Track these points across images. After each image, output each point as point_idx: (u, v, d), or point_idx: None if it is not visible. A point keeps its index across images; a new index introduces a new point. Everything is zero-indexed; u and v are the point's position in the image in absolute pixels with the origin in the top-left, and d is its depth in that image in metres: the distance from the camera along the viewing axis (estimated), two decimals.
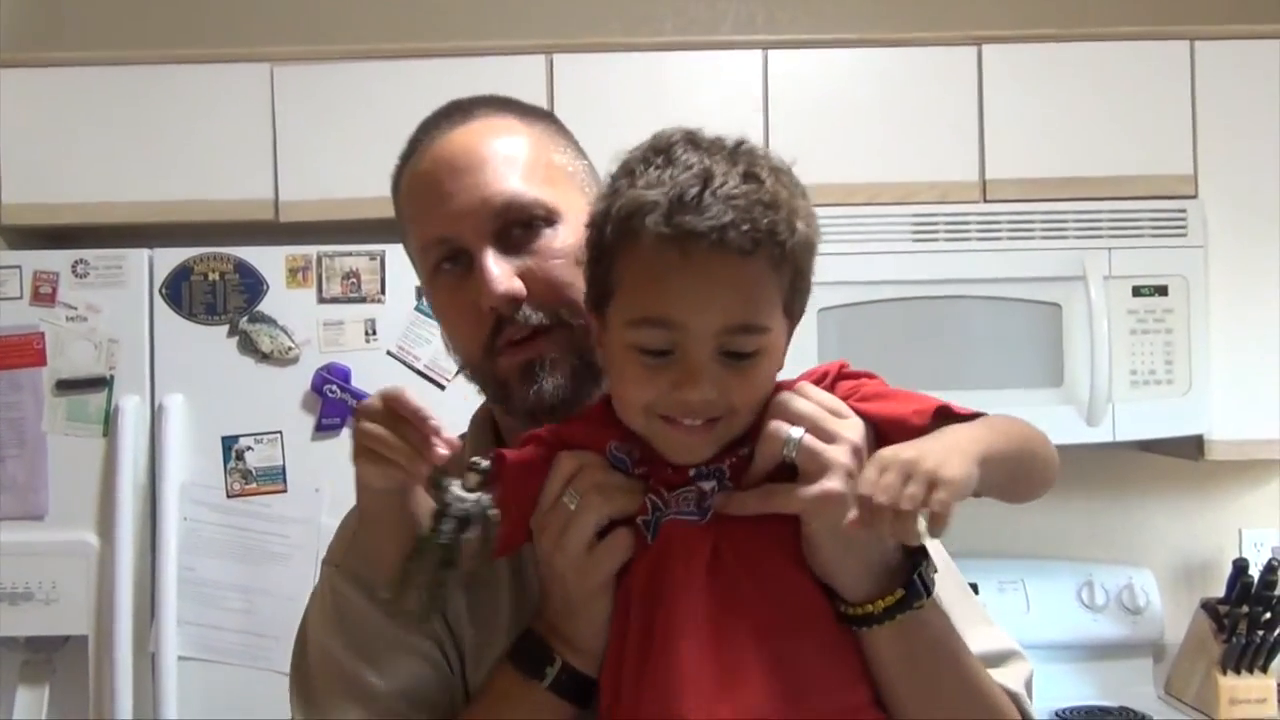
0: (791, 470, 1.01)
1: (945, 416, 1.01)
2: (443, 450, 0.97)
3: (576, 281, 1.11)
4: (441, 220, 1.13)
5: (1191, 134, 2.75)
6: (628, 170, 1.03)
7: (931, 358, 2.65)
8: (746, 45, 2.79)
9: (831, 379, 1.08)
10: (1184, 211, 2.70)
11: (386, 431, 0.98)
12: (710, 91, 2.74)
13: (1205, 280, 2.70)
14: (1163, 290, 2.69)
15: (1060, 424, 2.64)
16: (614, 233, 1.01)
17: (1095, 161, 2.75)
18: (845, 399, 1.05)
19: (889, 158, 2.73)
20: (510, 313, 1.11)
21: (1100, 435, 2.66)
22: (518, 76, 2.70)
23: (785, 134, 2.67)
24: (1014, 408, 2.79)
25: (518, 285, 1.11)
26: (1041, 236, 2.69)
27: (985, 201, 2.73)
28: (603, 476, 1.05)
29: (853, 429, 1.01)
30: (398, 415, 0.98)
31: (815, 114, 2.73)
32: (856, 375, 1.10)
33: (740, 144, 1.03)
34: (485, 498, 0.98)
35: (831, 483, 0.98)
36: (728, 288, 0.98)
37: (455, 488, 0.97)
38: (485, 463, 0.99)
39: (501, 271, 1.10)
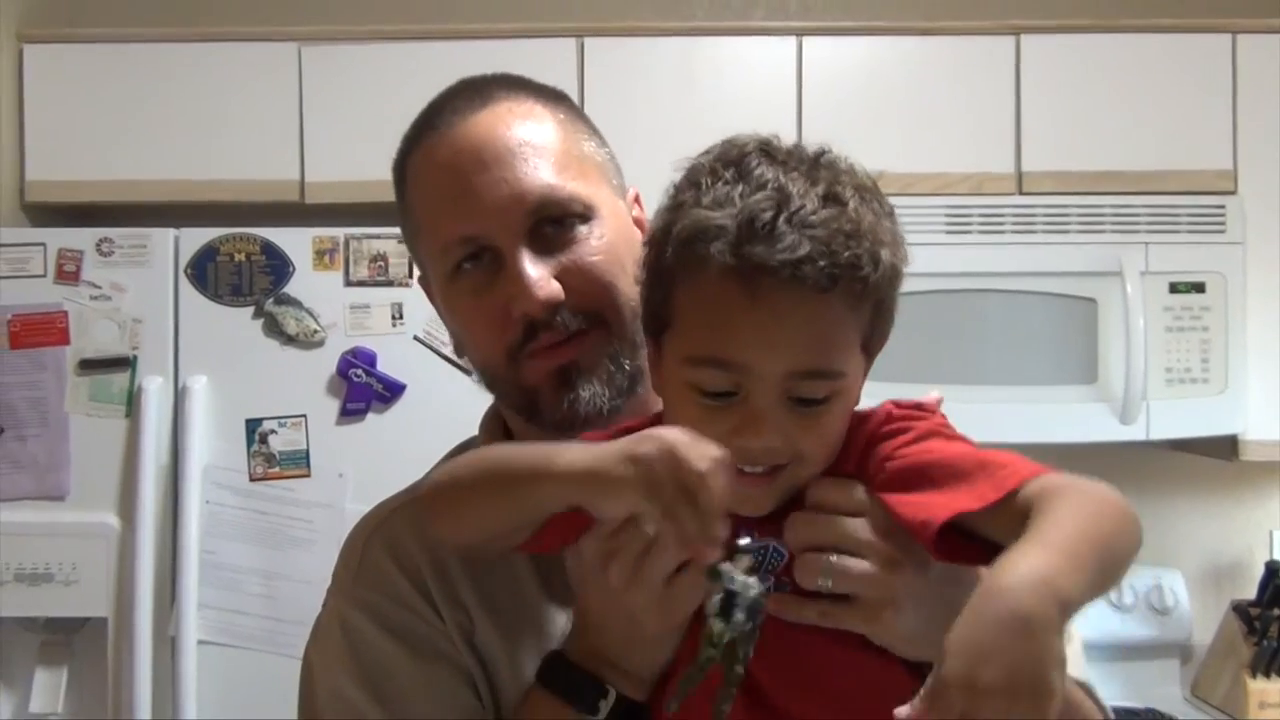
0: None
1: (954, 529, 0.86)
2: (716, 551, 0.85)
3: (617, 281, 1.05)
4: (467, 217, 1.04)
5: (1232, 129, 2.71)
6: (693, 182, 0.92)
7: (964, 352, 2.62)
8: (780, 32, 2.76)
9: (863, 445, 0.95)
10: (1223, 208, 2.67)
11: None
12: (742, 78, 2.71)
13: (1243, 278, 2.66)
14: (1200, 287, 2.65)
15: (1093, 422, 2.61)
16: (675, 257, 0.91)
17: (1133, 156, 2.71)
18: (876, 474, 0.93)
19: (924, 148, 2.69)
20: (547, 318, 1.03)
21: (1134, 434, 2.63)
22: (548, 59, 2.66)
23: (818, 122, 2.64)
24: (1047, 404, 2.78)
25: (556, 288, 1.03)
26: (1078, 231, 2.66)
27: (1021, 194, 2.70)
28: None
29: (872, 531, 0.91)
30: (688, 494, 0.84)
31: (849, 102, 2.69)
32: (899, 429, 0.95)
33: (821, 155, 0.92)
34: (760, 583, 0.86)
35: (885, 612, 0.90)
36: (799, 329, 0.87)
37: (738, 575, 0.85)
38: (755, 544, 0.89)
39: (540, 274, 1.02)
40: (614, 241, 1.07)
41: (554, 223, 1.05)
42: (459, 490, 0.97)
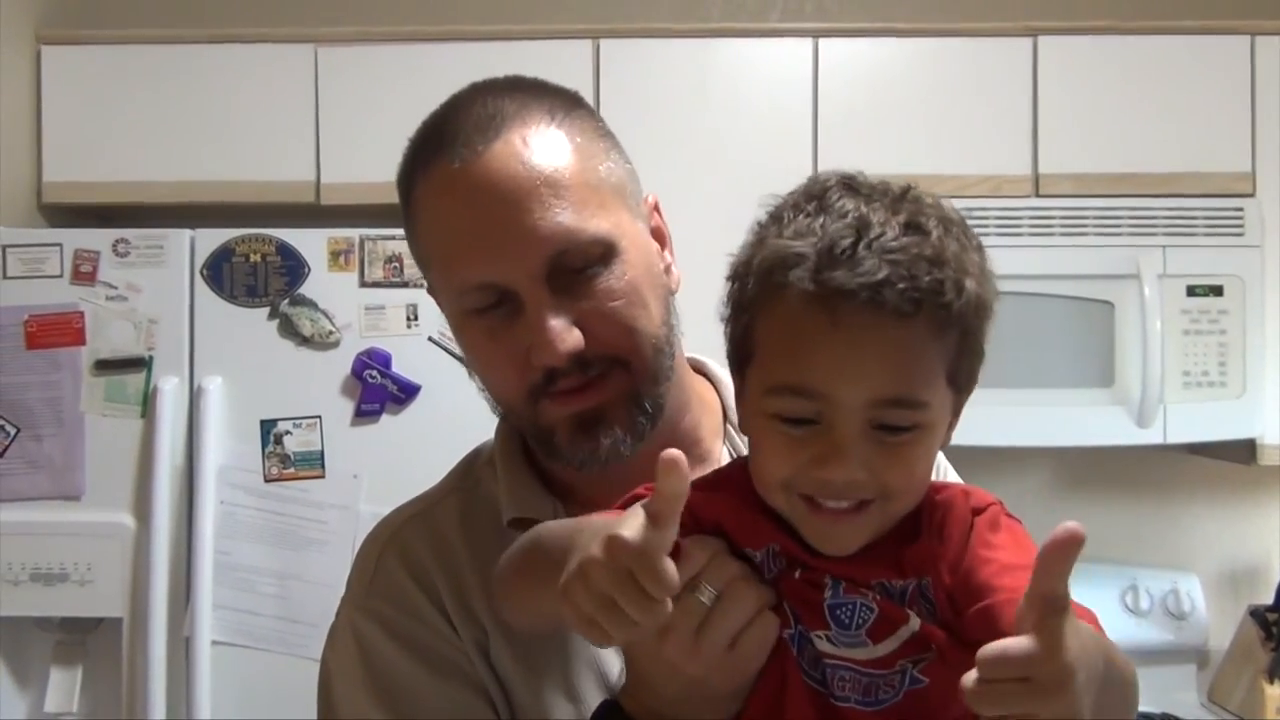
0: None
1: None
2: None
3: (638, 322, 1.03)
4: (484, 263, 1.01)
5: (1250, 131, 2.71)
6: (776, 217, 0.92)
7: None
8: (796, 33, 2.75)
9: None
10: (1241, 210, 2.66)
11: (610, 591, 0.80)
12: (759, 79, 2.70)
13: (1261, 281, 2.65)
14: (1218, 290, 2.64)
15: (1110, 425, 2.60)
16: (755, 287, 0.90)
17: (1151, 158, 2.70)
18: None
19: (940, 150, 2.69)
20: (568, 367, 1.01)
21: (1151, 437, 2.61)
22: (564, 61, 2.66)
23: (835, 124, 2.64)
24: (1063, 408, 2.77)
25: (577, 338, 1.00)
26: (1095, 233, 2.65)
27: (1038, 196, 2.69)
28: (740, 568, 0.91)
29: None
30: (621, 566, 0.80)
31: (866, 104, 2.68)
32: (990, 547, 0.89)
33: (907, 191, 0.91)
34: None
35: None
36: (880, 355, 0.85)
37: None
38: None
39: (560, 324, 1.00)
40: (635, 278, 1.04)
41: (577, 266, 1.02)
42: (507, 578, 0.96)
